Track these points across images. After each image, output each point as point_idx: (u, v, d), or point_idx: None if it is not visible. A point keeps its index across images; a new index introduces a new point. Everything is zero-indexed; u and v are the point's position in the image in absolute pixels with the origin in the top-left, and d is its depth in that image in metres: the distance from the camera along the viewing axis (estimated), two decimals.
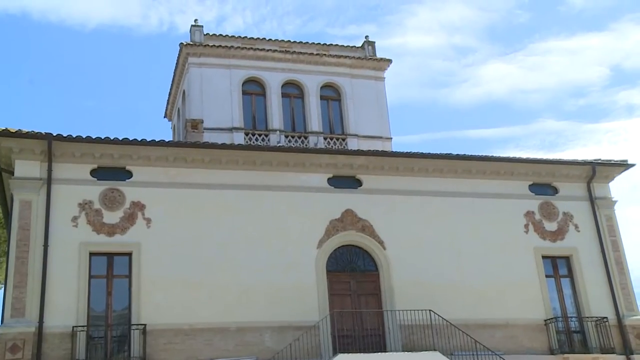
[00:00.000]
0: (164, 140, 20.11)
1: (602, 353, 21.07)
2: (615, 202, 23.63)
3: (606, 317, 21.59)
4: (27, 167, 18.93)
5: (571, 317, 21.94)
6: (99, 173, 19.58)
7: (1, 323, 17.73)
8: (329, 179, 21.46)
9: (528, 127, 61.70)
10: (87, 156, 19.45)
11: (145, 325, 18.23)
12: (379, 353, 18.82)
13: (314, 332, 19.24)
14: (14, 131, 18.53)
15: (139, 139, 19.65)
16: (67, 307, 18.00)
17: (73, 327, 17.76)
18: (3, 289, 19.84)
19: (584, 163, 23.55)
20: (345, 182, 21.59)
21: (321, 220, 20.82)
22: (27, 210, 18.54)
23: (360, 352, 18.63)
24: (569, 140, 61.37)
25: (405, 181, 21.96)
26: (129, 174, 19.83)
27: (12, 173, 19.04)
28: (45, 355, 17.43)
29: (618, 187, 52.13)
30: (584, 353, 21.07)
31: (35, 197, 18.72)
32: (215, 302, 19.15)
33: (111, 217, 19.19)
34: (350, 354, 18.20)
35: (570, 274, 22.53)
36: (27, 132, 18.71)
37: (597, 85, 62.30)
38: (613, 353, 21.19)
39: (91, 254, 18.81)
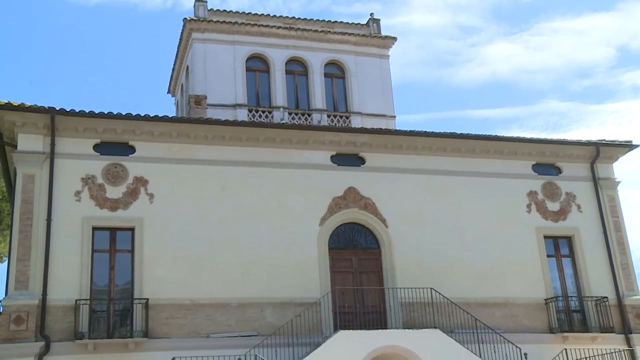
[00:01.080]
0: (167, 116, 20.08)
1: (601, 332, 21.19)
2: (619, 183, 23.64)
3: (606, 297, 21.69)
4: (30, 141, 18.94)
5: (571, 296, 22.04)
6: (102, 148, 19.59)
7: (5, 295, 17.85)
8: (332, 157, 21.45)
9: (532, 108, 61.49)
10: (90, 131, 19.44)
11: (147, 299, 18.35)
12: (380, 330, 18.92)
13: (315, 308, 19.35)
14: (16, 105, 18.53)
15: (142, 115, 19.64)
16: (70, 280, 18.12)
17: (76, 300, 17.88)
18: (7, 262, 19.95)
19: (588, 143, 23.51)
20: (348, 159, 21.58)
21: (324, 197, 20.85)
22: (30, 184, 18.59)
23: (361, 328, 18.73)
24: (573, 121, 61.21)
25: (409, 159, 21.95)
26: (132, 149, 19.84)
27: (15, 147, 19.07)
28: (48, 328, 17.58)
29: (621, 168, 52.03)
30: (583, 332, 21.20)
31: (38, 171, 18.75)
32: (217, 277, 19.25)
33: (114, 192, 19.23)
34: (351, 331, 18.30)
35: (572, 254, 22.59)
36: (30, 106, 18.70)
37: (602, 66, 61.97)
38: (612, 332, 21.31)
39: (94, 229, 18.88)
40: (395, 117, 26.60)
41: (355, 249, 20.92)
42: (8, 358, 16.91)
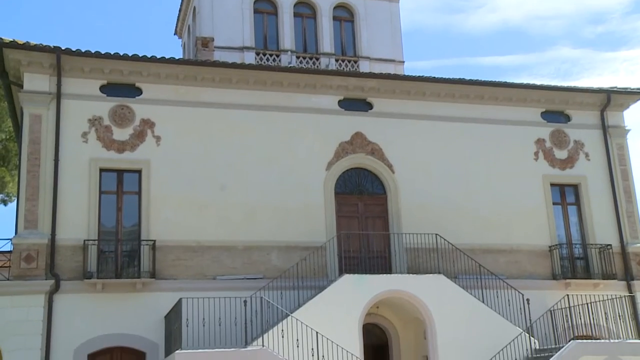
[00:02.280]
0: (173, 58, 19.89)
1: (604, 279, 21.40)
2: (629, 130, 23.49)
3: (610, 245, 21.81)
4: (36, 81, 18.84)
5: (576, 244, 22.18)
6: (109, 89, 19.48)
7: (15, 234, 18.07)
8: (339, 101, 21.31)
9: (543, 55, 60.65)
10: (97, 72, 19.31)
11: (154, 241, 18.54)
12: (385, 274, 19.11)
13: (321, 252, 19.53)
14: (22, 43, 18.36)
15: (149, 56, 19.45)
16: (78, 221, 18.29)
17: (84, 240, 18.09)
18: (16, 201, 20.13)
19: (599, 91, 23.28)
20: (355, 104, 21.44)
21: (331, 142, 20.81)
22: (37, 125, 18.58)
23: (365, 273, 18.92)
24: (584, 69, 60.43)
25: (416, 105, 21.79)
26: (139, 91, 19.73)
27: (22, 86, 18.99)
28: (58, 266, 17.84)
29: (632, 116, 51.57)
30: (586, 279, 21.40)
31: (45, 112, 18.72)
32: (223, 220, 19.39)
33: (121, 133, 19.22)
34: (355, 275, 18.49)
35: (578, 202, 22.63)
36: (35, 45, 18.54)
37: (617, 12, 60.71)
38: (614, 279, 21.52)
39: (101, 170, 18.94)
40: (403, 62, 26.27)
41: (361, 194, 20.98)
42: (20, 295, 17.24)
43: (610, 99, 23.06)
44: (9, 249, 18.33)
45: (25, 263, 17.55)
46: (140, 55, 19.36)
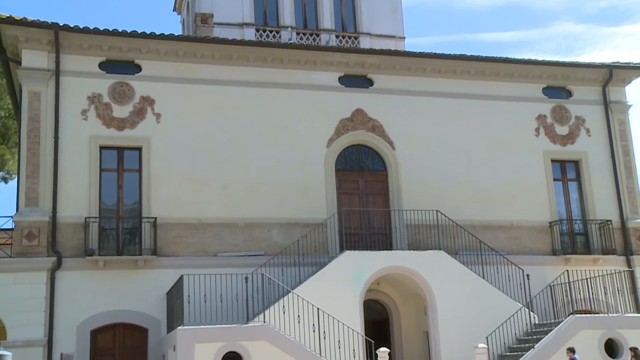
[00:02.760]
0: (173, 34, 19.75)
1: (603, 254, 21.48)
2: (630, 106, 23.42)
3: (610, 220, 21.87)
4: (34, 57, 18.72)
5: (576, 220, 22.22)
6: (108, 66, 19.38)
7: (16, 211, 18.10)
8: (340, 78, 21.21)
9: (545, 31, 60.26)
10: (95, 48, 19.19)
11: (155, 218, 18.57)
12: (385, 251, 19.18)
13: (322, 229, 19.58)
14: (18, 19, 18.23)
15: (148, 32, 19.32)
16: (79, 198, 18.31)
17: (85, 218, 18.12)
18: (17, 179, 20.14)
19: (601, 66, 23.17)
20: (356, 81, 21.34)
21: (331, 119, 20.75)
22: (37, 102, 18.53)
23: (366, 249, 18.99)
24: (586, 45, 60.07)
25: (417, 81, 21.70)
26: (138, 68, 19.63)
27: (20, 63, 18.89)
28: (59, 244, 17.90)
29: (634, 91, 51.36)
30: (586, 254, 21.48)
31: (43, 89, 18.65)
32: (224, 197, 19.41)
33: (121, 111, 19.16)
34: (356, 251, 18.56)
35: (578, 178, 22.64)
36: (33, 21, 18.41)
37: None
38: (614, 254, 21.61)
39: (101, 148, 18.92)
40: (404, 38, 26.14)
41: (362, 171, 20.98)
42: (22, 272, 17.34)
43: (612, 74, 22.96)
44: (11, 227, 18.39)
45: (27, 240, 17.62)
46: (140, 32, 19.23)
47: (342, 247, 19.33)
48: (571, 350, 16.42)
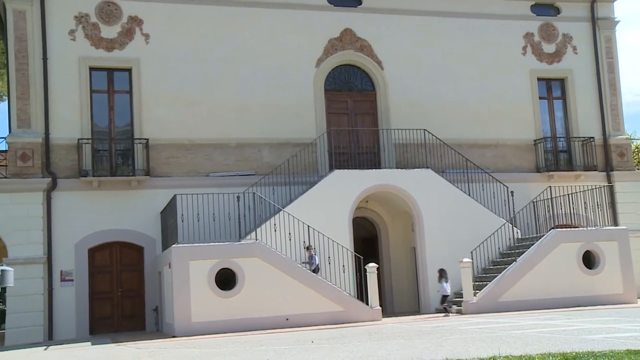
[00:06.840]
0: None
1: (585, 170, 22.07)
2: (617, 22, 23.48)
3: (593, 137, 22.36)
4: None
5: (560, 137, 22.66)
6: None
7: (9, 133, 18.21)
8: None
9: None
10: None
11: (147, 139, 18.79)
12: (374, 169, 19.61)
13: (311, 148, 19.91)
14: None
15: None
16: (71, 120, 18.44)
17: (78, 139, 18.30)
18: (7, 100, 20.12)
19: None
20: (344, 0, 21.18)
21: (320, 39, 20.72)
22: (22, 21, 18.34)
23: (355, 168, 19.40)
24: None
25: (406, 0, 21.55)
26: None
27: None
28: (54, 165, 18.17)
29: (621, 10, 50.89)
30: (568, 171, 22.04)
31: (28, 7, 18.43)
32: (214, 118, 19.59)
33: (109, 31, 19.03)
34: (345, 170, 18.98)
35: (564, 96, 22.93)
36: None
37: None
38: (595, 170, 22.22)
39: (91, 69, 18.90)
40: None
41: (350, 91, 21.13)
42: (18, 192, 17.65)
43: None
44: (5, 148, 18.55)
45: (22, 161, 17.85)
46: None
47: (332, 166, 19.73)
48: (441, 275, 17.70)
